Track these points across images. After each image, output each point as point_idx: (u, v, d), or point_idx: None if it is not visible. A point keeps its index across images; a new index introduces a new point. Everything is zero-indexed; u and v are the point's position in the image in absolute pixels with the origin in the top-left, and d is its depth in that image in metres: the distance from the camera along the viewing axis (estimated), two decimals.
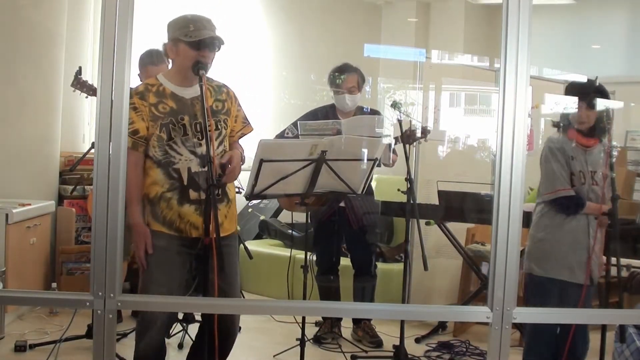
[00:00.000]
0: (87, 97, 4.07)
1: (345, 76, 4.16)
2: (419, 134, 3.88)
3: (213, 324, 2.73)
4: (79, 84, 3.92)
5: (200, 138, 2.82)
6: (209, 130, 2.74)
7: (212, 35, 2.78)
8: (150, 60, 3.84)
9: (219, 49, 2.83)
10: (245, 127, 3.05)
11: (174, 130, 2.79)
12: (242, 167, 2.96)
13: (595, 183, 3.16)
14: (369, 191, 4.14)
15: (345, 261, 4.50)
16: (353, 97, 4.16)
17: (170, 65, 2.96)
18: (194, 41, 2.75)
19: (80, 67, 3.98)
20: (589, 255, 3.09)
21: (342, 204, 4.10)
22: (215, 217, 2.62)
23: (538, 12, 2.22)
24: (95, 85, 4.01)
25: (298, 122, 3.95)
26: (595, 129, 3.16)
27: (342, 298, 4.42)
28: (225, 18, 5.64)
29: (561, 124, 3.27)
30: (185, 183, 2.80)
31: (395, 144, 3.94)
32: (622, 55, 6.30)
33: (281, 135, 4.05)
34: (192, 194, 2.81)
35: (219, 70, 3.00)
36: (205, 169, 2.76)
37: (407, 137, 3.81)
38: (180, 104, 2.82)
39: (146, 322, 2.83)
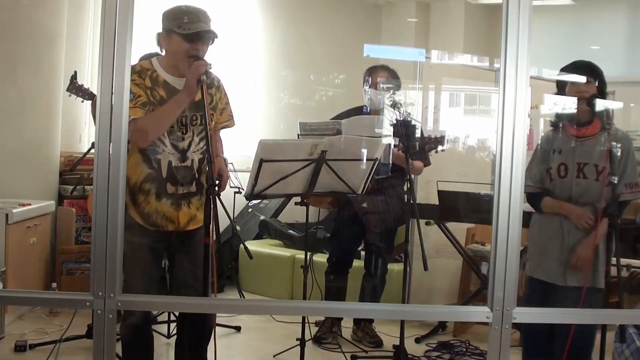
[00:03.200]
0: (82, 102, 4.03)
1: (374, 72, 4.16)
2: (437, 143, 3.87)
3: (187, 318, 2.85)
4: (75, 88, 3.89)
5: (184, 132, 2.83)
6: (209, 130, 2.74)
7: (206, 29, 2.77)
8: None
9: (212, 42, 2.81)
10: (229, 121, 3.04)
11: None
12: (239, 167, 2.98)
13: (582, 176, 3.06)
14: (397, 194, 4.12)
15: (354, 262, 4.49)
16: (376, 93, 4.12)
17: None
18: (187, 34, 2.74)
19: (75, 72, 3.93)
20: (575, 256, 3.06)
21: (365, 205, 4.09)
22: (216, 218, 2.62)
23: (538, 12, 2.21)
24: (91, 89, 4.01)
25: (299, 122, 3.94)
26: (592, 116, 3.07)
27: (349, 299, 4.41)
28: (224, 18, 5.65)
29: (557, 120, 3.23)
30: (164, 176, 2.82)
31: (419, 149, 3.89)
32: (622, 55, 6.30)
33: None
34: (170, 188, 2.83)
35: (217, 69, 2.99)
36: (185, 164, 2.81)
37: (425, 144, 3.80)
38: (171, 94, 2.80)
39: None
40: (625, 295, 3.63)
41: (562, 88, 3.18)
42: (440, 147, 3.88)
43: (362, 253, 4.70)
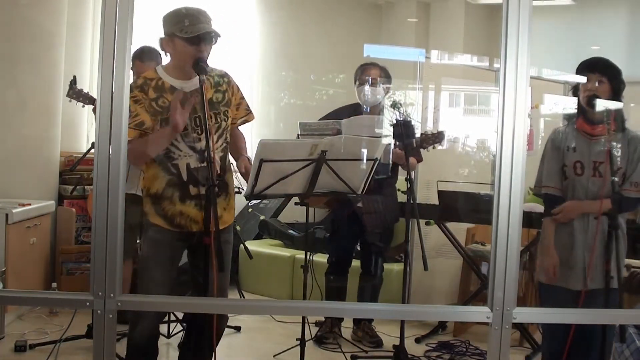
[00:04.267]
0: (83, 107, 4.02)
1: (367, 68, 4.17)
2: (435, 140, 3.86)
3: (196, 320, 2.84)
4: (75, 93, 3.87)
5: (200, 133, 2.83)
6: (209, 133, 2.74)
7: (209, 30, 2.77)
8: (139, 56, 3.80)
9: (215, 42, 2.82)
10: (248, 115, 3.07)
11: None
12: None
13: (598, 175, 3.01)
14: (390, 193, 4.14)
15: (353, 262, 4.50)
16: (373, 90, 4.12)
17: (165, 60, 2.93)
18: (190, 37, 2.74)
19: (74, 77, 3.91)
20: (587, 260, 3.01)
21: (360, 205, 4.09)
22: (216, 217, 2.62)
23: (538, 12, 2.21)
24: (92, 89, 4.00)
25: (299, 122, 3.94)
26: (604, 115, 3.01)
27: (347, 299, 4.42)
28: (224, 18, 5.64)
29: (571, 116, 3.16)
30: (185, 179, 2.82)
31: (416, 146, 3.90)
32: (622, 55, 6.29)
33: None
34: (192, 190, 2.83)
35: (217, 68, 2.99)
36: (204, 164, 2.78)
37: (423, 141, 3.81)
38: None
39: (139, 311, 2.82)
40: (625, 295, 3.62)
41: (577, 86, 3.14)
42: (438, 145, 3.87)
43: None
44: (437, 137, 3.84)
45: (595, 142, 3.06)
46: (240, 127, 3.11)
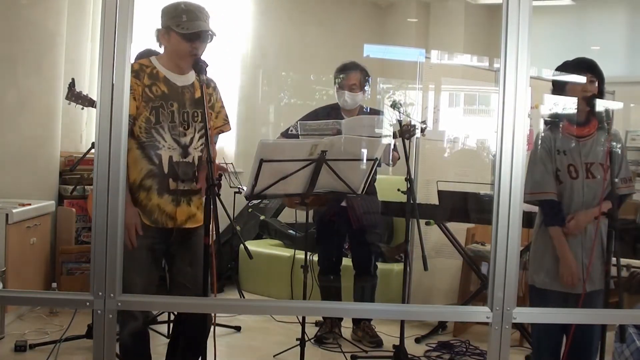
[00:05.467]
0: (82, 109, 4.01)
1: (347, 74, 4.18)
2: (416, 130, 3.87)
3: (184, 319, 2.89)
4: (74, 95, 3.87)
5: (186, 128, 2.84)
6: (209, 128, 2.75)
7: (205, 29, 2.79)
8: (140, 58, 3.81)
9: (211, 40, 2.84)
10: (225, 125, 3.07)
11: (162, 114, 2.81)
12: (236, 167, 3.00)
13: (591, 176, 2.99)
14: (371, 191, 4.16)
15: (346, 261, 4.50)
16: (353, 95, 4.16)
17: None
18: (186, 33, 2.76)
19: (73, 79, 3.91)
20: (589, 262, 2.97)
21: (344, 204, 4.11)
22: (216, 217, 2.62)
23: (538, 13, 2.21)
24: (92, 89, 3.99)
25: (298, 122, 3.96)
26: (591, 116, 3.01)
27: (344, 298, 4.42)
28: (224, 17, 5.64)
29: (554, 119, 3.13)
30: (166, 172, 2.82)
31: (393, 138, 3.94)
32: (622, 55, 6.29)
33: (286, 132, 4.06)
34: (172, 184, 2.84)
35: (217, 68, 3.00)
36: (186, 159, 2.83)
37: (404, 132, 3.80)
38: (172, 90, 2.83)
39: (126, 313, 2.82)
40: (625, 295, 3.62)
41: (562, 86, 3.11)
42: (419, 134, 3.90)
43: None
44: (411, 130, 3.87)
45: (584, 143, 3.05)
46: (243, 128, 3.13)
